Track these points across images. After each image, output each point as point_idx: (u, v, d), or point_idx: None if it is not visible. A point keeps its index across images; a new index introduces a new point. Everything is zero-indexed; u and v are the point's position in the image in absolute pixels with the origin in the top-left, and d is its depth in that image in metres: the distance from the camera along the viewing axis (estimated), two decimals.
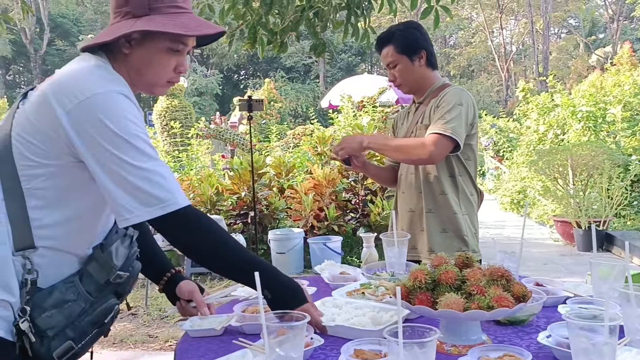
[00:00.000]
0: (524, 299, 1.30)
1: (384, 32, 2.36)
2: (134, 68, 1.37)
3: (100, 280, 1.34)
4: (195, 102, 26.84)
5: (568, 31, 38.50)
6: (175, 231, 1.30)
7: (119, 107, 1.26)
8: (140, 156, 1.25)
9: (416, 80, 2.32)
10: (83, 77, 1.29)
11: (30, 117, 1.27)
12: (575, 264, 6.37)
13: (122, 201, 1.24)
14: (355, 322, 1.44)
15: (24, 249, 1.26)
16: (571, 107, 9.25)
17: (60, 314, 1.26)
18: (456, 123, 2.09)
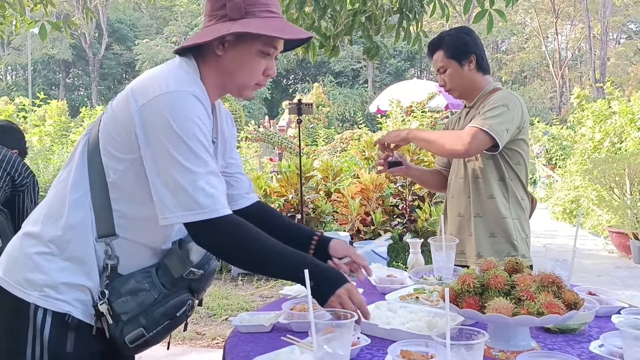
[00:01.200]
0: (575, 307, 1.28)
1: (435, 37, 2.37)
2: (226, 70, 1.42)
3: (175, 274, 1.40)
4: (245, 105, 27.23)
5: (628, 36, 37.14)
6: (210, 238, 1.32)
7: (186, 107, 1.29)
8: (194, 159, 1.28)
9: (466, 84, 2.30)
10: (160, 76, 1.34)
11: (116, 112, 1.35)
12: (631, 276, 6.14)
13: (165, 200, 1.28)
14: (411, 326, 1.44)
15: (106, 236, 1.34)
16: (630, 115, 8.92)
17: (133, 301, 1.34)
18: (497, 121, 2.07)
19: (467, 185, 2.28)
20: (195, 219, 1.27)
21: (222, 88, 1.45)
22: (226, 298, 5.21)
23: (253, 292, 5.51)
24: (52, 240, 1.35)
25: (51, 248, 1.35)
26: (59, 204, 1.37)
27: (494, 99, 2.17)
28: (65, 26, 4.63)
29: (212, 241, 1.33)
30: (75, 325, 1.33)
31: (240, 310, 4.76)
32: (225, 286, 5.74)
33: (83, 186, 1.36)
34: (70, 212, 1.35)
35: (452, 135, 2.14)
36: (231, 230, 1.33)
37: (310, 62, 4.08)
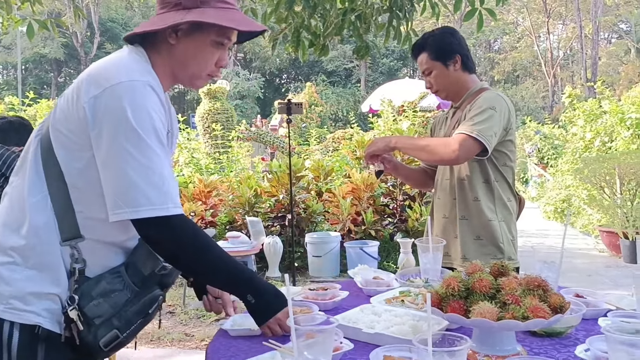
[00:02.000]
0: (561, 310, 1.26)
1: (418, 39, 2.35)
2: (178, 59, 1.39)
3: (145, 271, 1.37)
4: (237, 105, 27.19)
5: (619, 36, 37.34)
6: (156, 236, 1.30)
7: (141, 97, 1.26)
8: (148, 153, 1.25)
9: (452, 85, 2.28)
10: (112, 66, 1.31)
11: (64, 108, 1.30)
12: (621, 276, 6.15)
13: (115, 195, 1.24)
14: (395, 330, 1.42)
15: (71, 239, 1.28)
16: (620, 114, 8.95)
17: (106, 303, 1.29)
18: (485, 126, 2.04)
19: (452, 187, 2.26)
20: (144, 215, 1.24)
21: (174, 78, 1.43)
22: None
23: None
24: (14, 248, 1.29)
25: (14, 257, 1.28)
26: (18, 211, 1.31)
27: (480, 101, 2.14)
28: (53, 25, 4.58)
29: (159, 240, 1.30)
30: (45, 336, 1.27)
31: None
32: None
33: (41, 189, 1.30)
34: (31, 218, 1.29)
35: (441, 143, 2.11)
36: (181, 231, 1.30)
37: (303, 62, 4.05)
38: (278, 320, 1.42)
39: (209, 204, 6.68)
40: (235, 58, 32.35)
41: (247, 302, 1.41)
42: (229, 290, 1.46)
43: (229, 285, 1.43)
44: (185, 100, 35.61)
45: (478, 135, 2.02)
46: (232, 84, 26.78)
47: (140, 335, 1.50)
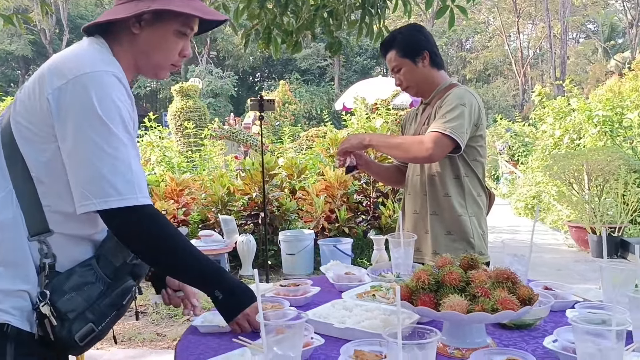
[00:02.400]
0: (529, 302, 1.27)
1: (386, 37, 2.36)
2: (141, 49, 1.38)
3: (116, 262, 1.35)
4: (210, 103, 26.96)
5: (586, 36, 38.12)
6: (125, 227, 1.27)
7: (106, 88, 1.25)
8: (115, 143, 1.23)
9: (421, 82, 2.29)
10: (76, 57, 1.29)
11: (25, 101, 1.28)
12: (589, 270, 6.28)
13: (82, 186, 1.22)
14: (366, 325, 1.41)
15: (39, 234, 1.26)
16: (587, 112, 9.14)
17: (79, 297, 1.27)
18: (457, 123, 2.05)
19: (423, 183, 2.27)
20: (112, 205, 1.22)
21: (136, 68, 1.42)
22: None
23: None
24: None
25: None
26: None
27: (450, 98, 2.15)
28: (19, 20, 4.47)
29: (127, 231, 1.28)
30: (15, 335, 1.23)
31: (201, 311, 4.68)
32: None
33: (5, 184, 1.27)
34: None
35: (415, 141, 2.11)
36: (149, 222, 1.28)
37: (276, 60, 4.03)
38: (246, 316, 1.41)
39: (181, 203, 6.61)
40: (208, 56, 32.09)
41: (215, 298, 1.39)
42: (197, 285, 1.43)
43: (197, 280, 1.40)
44: (157, 98, 35.17)
45: (451, 132, 2.03)
46: (204, 82, 26.56)
47: (110, 336, 1.46)
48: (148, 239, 1.29)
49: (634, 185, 6.84)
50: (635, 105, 9.17)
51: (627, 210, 6.80)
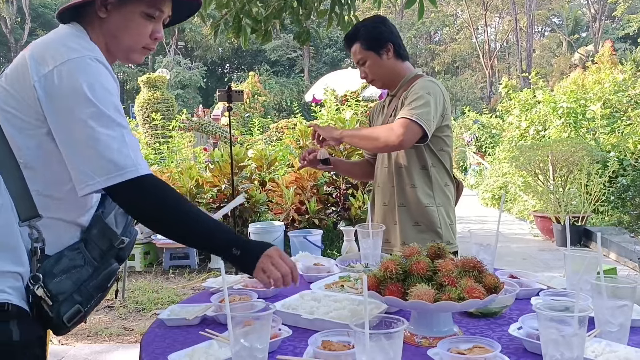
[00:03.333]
0: (495, 291, 1.29)
1: (350, 30, 2.35)
2: (111, 33, 1.38)
3: (103, 246, 1.38)
4: (179, 94, 26.62)
5: (551, 29, 38.81)
6: (133, 199, 1.27)
7: (93, 71, 1.25)
8: (107, 121, 1.23)
9: (387, 74, 2.29)
10: (58, 43, 1.29)
11: (8, 88, 1.27)
12: (553, 259, 6.42)
13: (82, 168, 1.23)
14: (334, 315, 1.41)
15: (30, 219, 1.27)
16: (552, 104, 9.32)
17: (69, 280, 1.30)
18: (423, 110, 2.06)
19: (390, 174, 2.28)
20: (116, 181, 1.22)
21: (109, 53, 1.40)
22: (156, 292, 5.05)
23: (185, 284, 5.38)
24: None
25: None
26: None
27: (415, 88, 2.15)
28: None
29: (135, 202, 1.28)
30: (16, 313, 1.26)
31: (170, 304, 4.62)
32: (155, 279, 5.58)
33: None
34: None
35: (384, 129, 2.11)
36: (154, 190, 1.29)
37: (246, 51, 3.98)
38: (270, 259, 1.34)
39: None
40: (176, 47, 31.62)
41: (233, 257, 1.33)
42: (212, 247, 1.39)
43: (212, 240, 1.35)
44: (124, 89, 34.53)
45: (418, 118, 2.03)
46: (172, 73, 26.17)
47: (76, 331, 1.47)
48: (155, 209, 1.29)
49: (596, 175, 7.01)
50: (598, 97, 9.39)
51: (590, 200, 6.97)
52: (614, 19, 34.71)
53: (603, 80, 10.16)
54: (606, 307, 1.25)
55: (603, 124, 8.87)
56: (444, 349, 1.13)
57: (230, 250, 1.33)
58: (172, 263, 5.91)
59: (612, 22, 35.41)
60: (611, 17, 34.55)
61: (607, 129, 8.81)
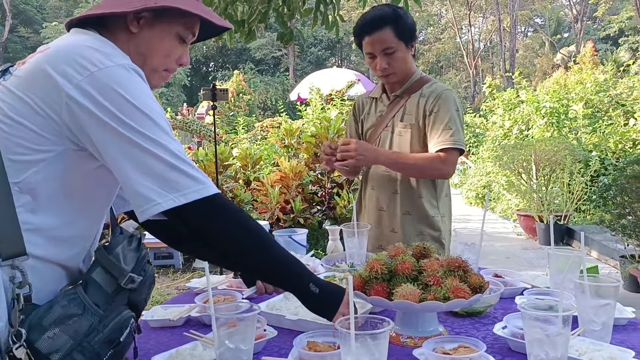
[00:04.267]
0: (480, 290, 1.29)
1: (380, 11, 2.06)
2: (138, 50, 1.21)
3: (108, 288, 1.11)
4: (163, 92, 26.41)
5: (534, 30, 39.17)
6: (206, 219, 1.11)
7: (134, 80, 1.10)
8: (163, 135, 1.08)
9: (406, 70, 2.15)
10: (90, 48, 1.11)
11: (20, 94, 1.08)
12: (537, 257, 6.48)
13: (146, 186, 1.05)
14: (318, 316, 1.40)
15: (13, 257, 1.04)
16: (535, 103, 9.41)
17: (64, 333, 1.03)
18: (460, 133, 2.07)
19: (393, 181, 2.19)
20: (193, 198, 1.06)
21: None
22: None
23: (169, 284, 5.34)
24: None
25: None
26: None
27: (445, 103, 2.08)
28: None
29: (207, 225, 1.11)
30: None
31: (155, 304, 4.58)
32: None
33: None
34: None
35: (434, 161, 2.04)
36: (231, 210, 1.14)
37: (230, 49, 3.95)
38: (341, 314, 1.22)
39: None
40: None
41: (310, 294, 1.22)
42: (286, 280, 1.25)
43: (287, 273, 1.23)
44: None
45: (460, 145, 2.05)
46: None
47: None
48: (229, 229, 1.13)
49: (578, 174, 7.09)
50: (580, 97, 9.50)
51: (572, 199, 7.05)
52: (596, 20, 35.16)
53: (585, 81, 10.29)
54: (589, 306, 1.26)
55: (585, 124, 8.97)
56: (429, 349, 1.14)
57: (308, 286, 1.22)
58: (156, 263, 5.86)
59: (593, 23, 35.86)
60: (592, 18, 34.98)
61: (589, 128, 8.91)
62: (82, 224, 1.17)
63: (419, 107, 2.14)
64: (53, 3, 35.45)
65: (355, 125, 2.38)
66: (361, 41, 2.11)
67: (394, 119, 2.19)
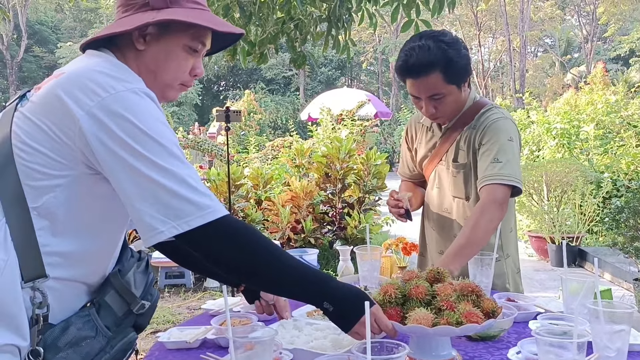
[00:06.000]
0: (493, 315, 1.30)
1: (427, 54, 1.78)
2: (148, 67, 1.23)
3: (119, 312, 1.18)
4: (174, 112, 26.65)
5: (544, 50, 39.25)
6: (213, 243, 1.11)
7: (145, 105, 1.11)
8: (172, 159, 1.08)
9: (457, 109, 1.94)
10: (101, 73, 1.13)
11: (36, 121, 1.11)
12: (548, 279, 6.43)
13: (150, 213, 1.06)
14: (315, 345, 1.40)
15: (34, 279, 1.07)
16: (546, 124, 9.41)
17: (77, 354, 1.09)
18: (515, 166, 1.82)
19: (449, 223, 2.03)
20: (196, 224, 1.06)
21: None
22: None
23: (180, 304, 5.36)
24: None
25: None
26: None
27: (497, 133, 1.86)
28: None
29: (213, 249, 1.12)
30: None
31: (166, 323, 4.61)
32: None
33: None
34: None
35: (483, 214, 1.78)
36: (235, 232, 1.13)
37: (241, 69, 4.01)
38: (373, 316, 1.23)
39: None
40: None
41: (325, 310, 1.22)
42: (300, 298, 1.26)
43: (299, 291, 1.23)
44: None
45: (509, 179, 1.80)
46: None
47: None
48: (237, 252, 1.13)
49: (590, 196, 7.06)
50: (591, 118, 9.48)
51: (584, 220, 7.01)
52: (606, 40, 35.19)
53: (596, 101, 10.27)
54: (604, 331, 1.26)
55: (596, 145, 8.95)
56: None
57: (322, 305, 1.21)
58: (167, 282, 5.89)
59: (603, 43, 35.88)
60: (603, 39, 35.02)
61: (600, 149, 8.89)
62: (101, 244, 1.19)
63: (469, 142, 1.94)
64: (68, 24, 36.10)
65: (410, 154, 2.22)
66: (403, 80, 1.91)
67: (447, 154, 2.01)
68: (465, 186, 1.99)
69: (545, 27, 34.74)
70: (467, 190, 1.99)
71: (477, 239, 1.76)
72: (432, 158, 2.07)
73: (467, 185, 1.99)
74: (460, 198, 2.01)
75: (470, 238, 1.76)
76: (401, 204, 2.00)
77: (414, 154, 2.19)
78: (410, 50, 1.83)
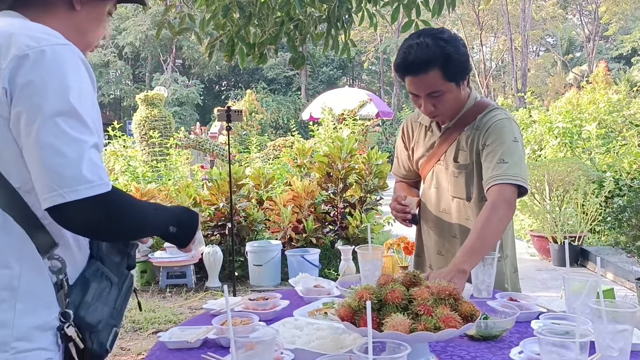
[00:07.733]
0: (472, 319, 1.27)
1: (425, 51, 1.79)
2: (77, 28, 1.24)
3: (116, 259, 1.27)
4: (176, 112, 26.69)
5: (546, 49, 39.22)
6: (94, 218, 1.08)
7: (69, 62, 1.08)
8: (80, 127, 1.05)
9: (457, 107, 1.94)
10: (20, 30, 1.10)
11: None
12: (551, 278, 6.42)
13: (45, 176, 1.03)
14: (315, 345, 1.40)
15: (49, 250, 1.12)
16: (548, 124, 9.39)
17: (103, 304, 1.20)
18: (521, 167, 1.83)
19: (451, 226, 2.04)
20: (84, 195, 1.03)
21: None
22: (153, 311, 5.02)
23: (181, 303, 5.36)
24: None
25: (2, 295, 1.07)
26: None
27: (501, 133, 1.86)
28: None
29: (95, 222, 1.09)
30: None
31: (167, 323, 4.61)
32: (152, 298, 5.55)
33: None
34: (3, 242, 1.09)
35: (493, 215, 1.77)
36: (120, 207, 1.12)
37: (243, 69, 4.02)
38: None
39: None
40: (173, 64, 31.78)
41: (168, 233, 1.30)
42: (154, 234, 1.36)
43: (156, 231, 1.32)
44: (121, 106, 34.64)
45: (516, 179, 1.81)
46: (170, 90, 26.27)
47: None
48: (118, 225, 1.13)
49: (592, 195, 7.04)
50: (593, 117, 9.47)
51: (586, 219, 6.99)
52: (608, 39, 35.15)
53: (598, 101, 10.26)
54: (606, 331, 1.26)
55: (598, 144, 8.93)
56: None
57: (168, 229, 1.29)
58: (168, 282, 5.89)
59: (605, 42, 35.85)
60: (604, 38, 34.98)
61: (603, 148, 8.87)
62: None
63: (472, 143, 1.93)
64: None
65: (407, 153, 2.21)
66: (402, 78, 1.91)
67: (447, 154, 2.00)
68: (466, 187, 1.99)
69: (547, 26, 34.72)
70: (469, 191, 1.99)
71: (489, 239, 1.76)
72: (430, 158, 2.07)
73: (469, 186, 1.99)
74: (460, 198, 2.01)
75: (483, 238, 1.75)
76: (408, 209, 2.00)
77: (411, 153, 2.19)
78: (408, 48, 1.82)
